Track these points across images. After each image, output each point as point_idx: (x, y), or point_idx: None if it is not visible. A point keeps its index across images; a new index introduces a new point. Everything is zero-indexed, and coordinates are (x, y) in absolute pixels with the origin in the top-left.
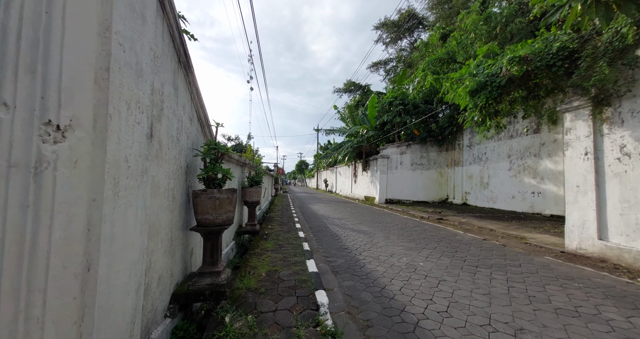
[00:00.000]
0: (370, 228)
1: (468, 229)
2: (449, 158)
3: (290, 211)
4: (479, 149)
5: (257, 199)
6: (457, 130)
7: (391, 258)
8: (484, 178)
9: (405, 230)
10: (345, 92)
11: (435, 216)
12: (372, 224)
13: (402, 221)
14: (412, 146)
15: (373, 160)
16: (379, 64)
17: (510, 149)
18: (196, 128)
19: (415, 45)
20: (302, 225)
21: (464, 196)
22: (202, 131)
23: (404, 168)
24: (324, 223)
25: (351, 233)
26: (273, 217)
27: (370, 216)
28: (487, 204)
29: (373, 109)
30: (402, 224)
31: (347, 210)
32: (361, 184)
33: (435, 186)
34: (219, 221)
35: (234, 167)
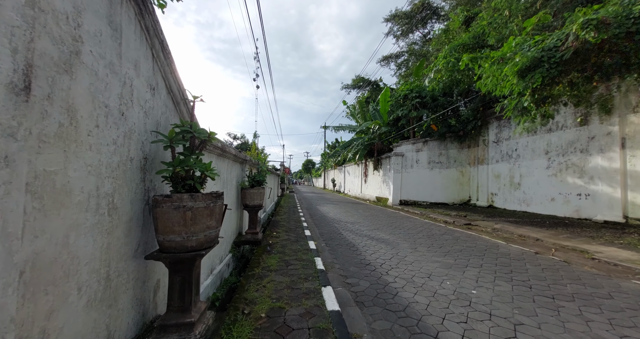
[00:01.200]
0: (391, 235)
1: (507, 238)
2: (471, 156)
3: (297, 213)
4: (509, 145)
5: (259, 202)
6: (482, 124)
7: (429, 280)
8: (514, 178)
9: (434, 239)
10: (353, 89)
11: (461, 221)
12: (391, 230)
13: (424, 226)
14: (429, 142)
15: (386, 158)
16: (389, 58)
17: (548, 144)
18: (164, 103)
19: (428, 38)
20: (312, 231)
21: (490, 198)
22: (176, 110)
23: (420, 167)
24: (335, 228)
25: (370, 242)
26: (279, 221)
27: (386, 219)
28: (518, 207)
29: (386, 104)
30: (426, 231)
31: (359, 212)
32: (372, 184)
33: (455, 187)
34: (193, 244)
35: (229, 164)
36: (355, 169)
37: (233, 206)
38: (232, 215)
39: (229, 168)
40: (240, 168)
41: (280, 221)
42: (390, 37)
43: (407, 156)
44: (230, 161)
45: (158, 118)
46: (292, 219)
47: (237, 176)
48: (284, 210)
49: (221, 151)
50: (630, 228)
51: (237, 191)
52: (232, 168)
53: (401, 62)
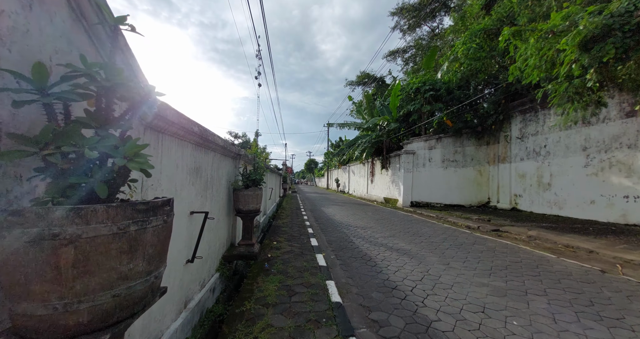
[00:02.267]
0: (412, 245)
1: (552, 249)
2: (490, 153)
3: (301, 216)
4: (536, 141)
5: (255, 207)
6: (504, 119)
7: (487, 317)
8: (543, 177)
9: (464, 249)
10: (358, 85)
11: (487, 226)
12: (409, 237)
13: (447, 233)
14: (443, 139)
15: (395, 156)
16: (396, 53)
17: (586, 139)
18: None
19: (436, 32)
20: (319, 239)
21: (514, 200)
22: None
23: (433, 165)
24: (345, 235)
25: (389, 254)
26: (281, 227)
27: (401, 224)
28: (548, 210)
29: (395, 98)
30: (452, 239)
31: (368, 215)
32: (379, 184)
33: (472, 187)
34: (74, 321)
35: (215, 158)
36: (361, 168)
37: (222, 212)
38: (221, 223)
39: (215, 163)
40: (233, 164)
41: (282, 225)
42: (397, 32)
43: (418, 154)
44: (216, 155)
45: None
46: (295, 223)
47: (228, 174)
48: (286, 213)
49: (200, 138)
50: None
51: (227, 193)
52: (219, 164)
53: (408, 57)
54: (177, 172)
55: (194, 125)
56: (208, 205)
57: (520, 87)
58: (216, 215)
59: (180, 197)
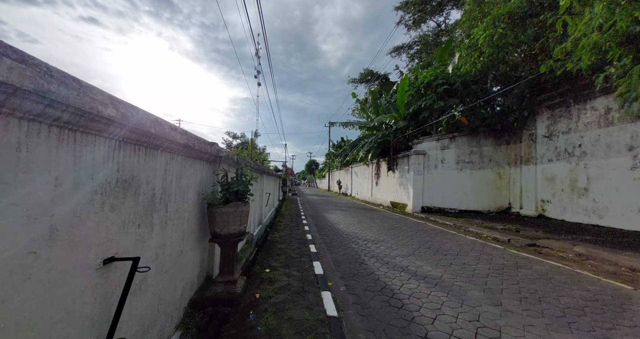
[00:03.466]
0: (441, 269)
1: (615, 273)
2: (511, 154)
3: (301, 225)
4: (568, 139)
5: (239, 229)
6: (528, 115)
7: None
8: (578, 181)
9: (510, 277)
10: (361, 83)
11: (520, 240)
12: (433, 255)
13: (475, 248)
14: (457, 138)
15: (403, 157)
16: (401, 49)
17: (633, 137)
18: None
19: (442, 27)
20: (324, 261)
21: (540, 206)
22: None
23: (446, 167)
24: (354, 253)
25: (416, 287)
26: (277, 242)
27: (417, 235)
28: (585, 219)
29: (403, 94)
30: (486, 259)
31: (377, 223)
32: (385, 187)
33: (490, 191)
34: None
35: (177, 163)
36: (365, 170)
37: (188, 239)
38: (187, 256)
39: (172, 170)
40: (209, 170)
41: (279, 240)
42: (401, 28)
43: (429, 154)
44: (176, 157)
45: None
46: (294, 236)
47: (202, 183)
48: (285, 221)
49: (130, 130)
50: None
51: (199, 211)
52: (183, 170)
53: (414, 53)
54: (57, 192)
55: (110, 102)
56: (154, 238)
57: (552, 79)
58: (174, 247)
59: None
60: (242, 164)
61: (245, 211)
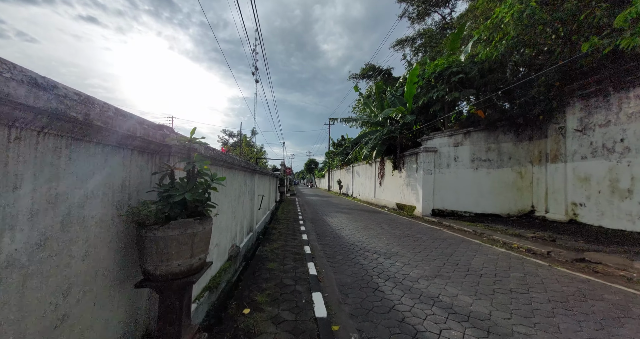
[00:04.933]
0: (487, 303)
1: None
2: (535, 150)
3: (299, 234)
4: (607, 133)
5: (188, 264)
6: (558, 106)
7: None
8: (620, 181)
9: (593, 319)
10: (362, 78)
11: (562, 253)
12: (464, 277)
13: (512, 265)
14: (472, 134)
15: (411, 155)
16: (405, 42)
17: None
18: None
19: (449, 19)
20: (328, 290)
21: (572, 209)
22: None
23: (460, 166)
24: (365, 273)
25: (464, 337)
26: (268, 259)
27: (435, 246)
28: (629, 226)
29: (412, 86)
30: (535, 282)
31: (385, 229)
32: (390, 187)
33: (510, 192)
34: None
35: (67, 156)
36: (367, 169)
37: (95, 285)
38: (91, 313)
39: (48, 164)
40: (144, 167)
41: (269, 255)
42: (404, 21)
43: (441, 151)
44: (52, 140)
45: None
46: (290, 248)
47: (124, 188)
48: (280, 227)
49: None
50: None
51: (116, 236)
52: (72, 165)
53: (418, 46)
54: None
55: None
56: (66, 267)
57: (587, 65)
58: (46, 312)
59: None
60: (196, 156)
61: (203, 234)
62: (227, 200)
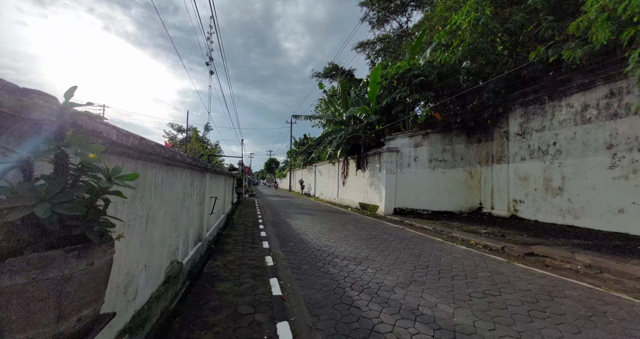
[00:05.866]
0: (468, 312)
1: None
2: (483, 152)
3: (259, 242)
4: (542, 137)
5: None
6: (503, 111)
7: None
8: (552, 180)
9: (567, 320)
10: (325, 77)
11: (514, 248)
12: (440, 282)
13: (477, 263)
14: (431, 135)
15: (374, 155)
16: (366, 44)
17: (612, 135)
18: None
19: (405, 28)
20: (296, 313)
21: (513, 206)
22: None
23: (419, 166)
24: (338, 286)
25: None
26: (217, 278)
27: (403, 247)
28: (560, 220)
29: (375, 86)
30: (503, 281)
31: (351, 230)
32: (353, 187)
33: (463, 191)
34: None
35: None
36: (330, 168)
37: None
38: None
39: None
40: None
41: (221, 273)
42: (366, 25)
43: (402, 152)
44: None
45: None
46: (247, 260)
47: None
48: (236, 233)
49: None
50: None
51: None
52: None
53: (379, 50)
54: None
55: None
56: None
57: (528, 74)
58: None
59: None
60: (70, 136)
61: (88, 274)
62: (165, 206)
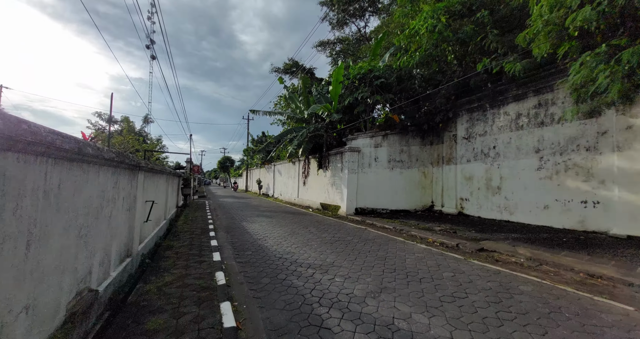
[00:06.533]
0: (442, 320)
1: (581, 282)
2: (434, 154)
3: (208, 253)
4: (484, 141)
5: None
6: (453, 116)
7: None
8: (492, 180)
9: (532, 320)
10: (285, 74)
11: (467, 244)
12: (409, 287)
13: (439, 263)
14: (390, 136)
15: (336, 154)
16: (326, 44)
17: (540, 140)
18: None
19: (364, 32)
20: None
21: (459, 204)
22: None
23: (379, 166)
24: (305, 302)
25: None
26: (148, 309)
27: (368, 250)
28: (498, 216)
29: (338, 85)
30: (465, 281)
31: (314, 233)
32: (315, 187)
33: (417, 190)
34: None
35: None
36: (290, 168)
37: None
38: None
39: None
40: None
41: (155, 298)
42: (326, 24)
43: (364, 152)
44: None
45: None
46: (191, 279)
47: None
48: (180, 244)
49: None
50: None
51: None
52: None
53: (339, 51)
54: None
55: None
56: None
57: (475, 83)
58: None
59: None
60: None
61: None
62: (66, 218)
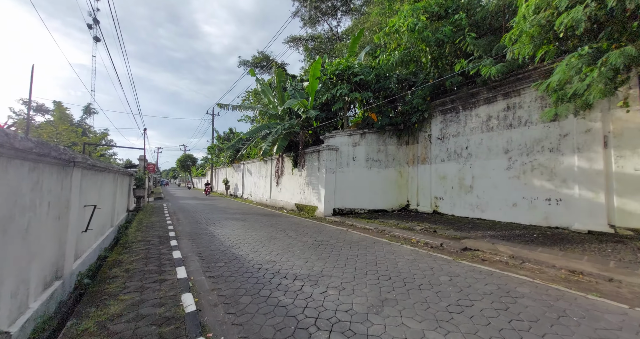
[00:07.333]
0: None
1: (567, 279)
2: (410, 153)
3: (169, 271)
4: (457, 142)
5: None
6: (429, 116)
7: None
8: (465, 180)
9: (538, 330)
10: (255, 68)
11: (451, 244)
12: (412, 298)
13: (431, 266)
14: (367, 135)
15: (313, 153)
16: (299, 40)
17: (508, 142)
18: None
19: (335, 31)
20: None
21: (434, 203)
22: None
23: (357, 165)
24: (298, 327)
25: None
26: None
27: (356, 255)
28: (470, 213)
29: (315, 81)
30: (464, 285)
31: (294, 237)
32: (290, 187)
33: (394, 190)
34: None
35: None
36: (262, 167)
37: None
38: None
39: None
40: None
41: None
42: (298, 19)
43: (342, 150)
44: None
45: None
46: (147, 308)
47: None
48: (130, 258)
49: None
50: (636, 241)
51: None
52: None
53: (311, 48)
54: None
55: None
56: None
57: (450, 85)
58: None
59: None
60: None
61: None
62: None
